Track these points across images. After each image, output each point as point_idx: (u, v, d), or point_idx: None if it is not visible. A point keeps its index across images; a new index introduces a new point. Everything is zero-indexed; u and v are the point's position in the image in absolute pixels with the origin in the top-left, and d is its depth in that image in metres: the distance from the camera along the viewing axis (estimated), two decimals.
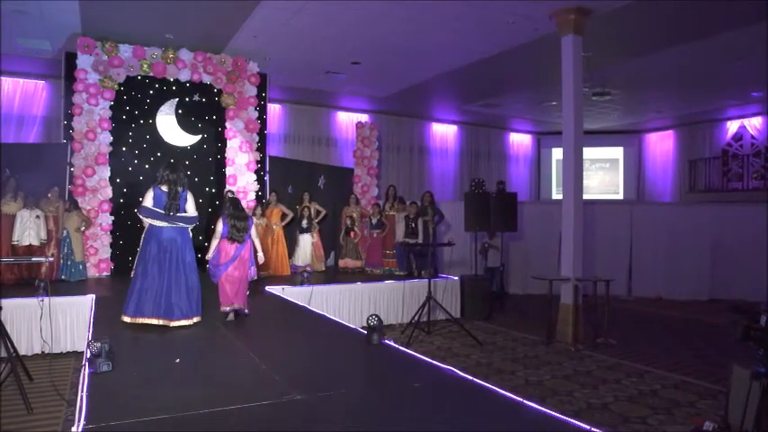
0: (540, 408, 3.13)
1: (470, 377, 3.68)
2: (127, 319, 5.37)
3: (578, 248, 7.99)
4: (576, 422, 2.93)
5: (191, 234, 5.80)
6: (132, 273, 5.83)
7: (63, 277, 8.22)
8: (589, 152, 14.10)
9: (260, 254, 6.18)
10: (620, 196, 16.75)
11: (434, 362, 4.05)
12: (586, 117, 10.69)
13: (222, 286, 5.80)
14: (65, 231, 8.29)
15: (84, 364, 3.68)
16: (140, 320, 5.35)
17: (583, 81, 8.33)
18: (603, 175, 17.14)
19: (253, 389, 3.45)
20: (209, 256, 5.88)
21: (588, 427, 2.84)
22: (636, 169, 16.97)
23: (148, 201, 5.50)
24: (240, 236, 5.80)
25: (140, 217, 5.89)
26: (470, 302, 9.30)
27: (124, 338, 4.67)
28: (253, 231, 6.03)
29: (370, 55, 10.06)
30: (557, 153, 17.10)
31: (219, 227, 5.81)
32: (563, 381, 5.97)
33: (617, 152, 17.12)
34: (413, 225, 9.48)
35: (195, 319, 5.51)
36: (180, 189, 5.58)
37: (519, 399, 3.27)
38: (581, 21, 7.90)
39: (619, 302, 10.55)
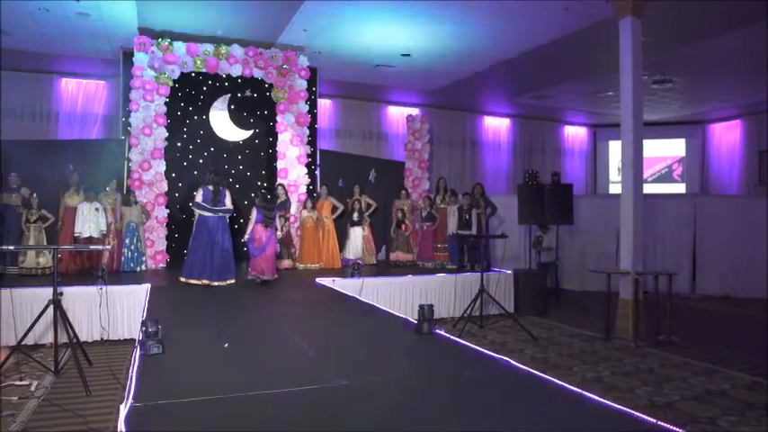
0: (602, 400, 2.93)
1: (526, 367, 3.51)
2: (183, 279, 7.38)
3: (638, 241, 7.63)
4: (643, 416, 2.72)
5: (228, 221, 7.77)
6: (187, 249, 7.82)
7: (132, 266, 8.49)
8: (649, 145, 13.51)
9: (278, 232, 8.02)
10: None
11: (487, 351, 3.89)
12: (646, 107, 10.22)
13: (257, 260, 7.60)
14: (132, 224, 8.54)
15: (136, 347, 3.72)
16: (191, 281, 7.34)
17: (642, 68, 7.95)
18: None
19: (300, 373, 3.40)
20: (246, 237, 7.64)
21: (654, 421, 2.64)
22: (699, 162, 16.18)
23: (199, 197, 7.50)
24: (270, 222, 7.64)
25: (193, 209, 7.65)
26: (524, 297, 9.04)
27: (176, 324, 4.72)
28: (277, 220, 7.88)
29: (419, 47, 9.93)
30: (614, 146, 16.51)
31: (254, 215, 7.61)
32: (623, 378, 5.69)
33: (679, 144, 16.38)
34: (466, 216, 9.27)
35: (230, 281, 7.48)
36: (221, 188, 7.59)
37: (579, 390, 3.09)
38: (640, 2, 7.53)
39: (681, 299, 10.03)
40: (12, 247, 5.96)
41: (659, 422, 2.61)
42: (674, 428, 2.51)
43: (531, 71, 11.30)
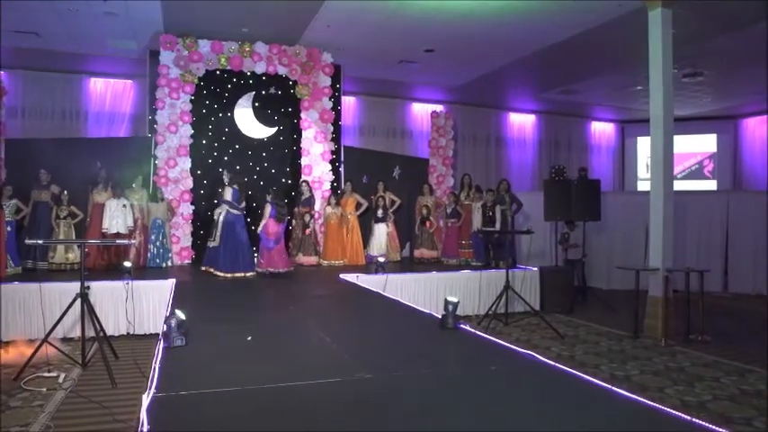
0: (633, 396, 2.83)
1: (553, 363, 3.43)
2: (203, 268, 8.11)
3: (668, 238, 7.45)
4: (678, 413, 2.62)
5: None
6: (208, 242, 8.35)
7: (158, 261, 8.59)
8: (679, 141, 13.21)
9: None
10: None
11: (513, 346, 3.81)
12: (676, 102, 9.97)
13: (270, 255, 8.00)
14: (158, 221, 8.64)
15: (160, 339, 3.73)
16: (210, 270, 7.97)
17: (672, 61, 7.75)
18: None
19: (322, 367, 3.37)
20: (259, 230, 8.11)
21: (689, 419, 2.54)
22: (731, 157, 15.77)
23: (228, 195, 8.15)
24: (282, 218, 8.16)
25: (223, 205, 8.20)
26: (550, 295, 8.90)
27: (200, 317, 4.74)
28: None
29: (443, 42, 9.84)
30: (642, 142, 16.20)
31: (268, 210, 8.07)
32: (653, 377, 5.55)
33: (710, 140, 15.99)
34: (490, 213, 9.16)
35: (249, 274, 7.96)
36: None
37: (608, 386, 2.99)
38: None
39: (713, 298, 9.77)
40: (40, 241, 6.08)
41: (695, 420, 2.51)
42: (712, 427, 2.40)
43: (558, 65, 11.13)
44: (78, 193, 8.60)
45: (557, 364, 3.40)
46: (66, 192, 8.36)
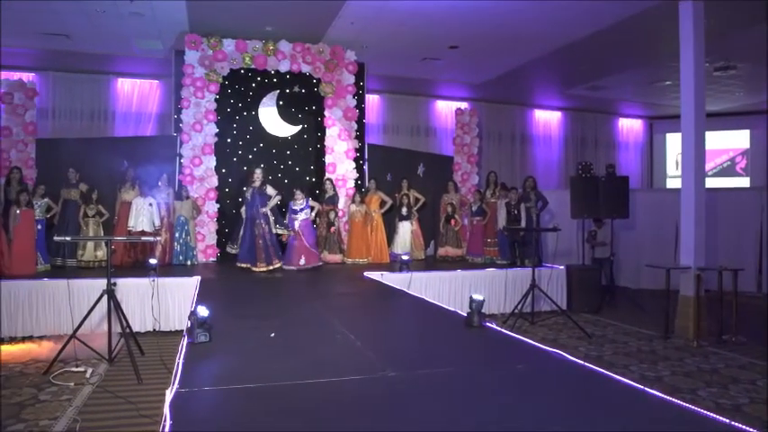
0: (667, 397, 2.73)
1: (582, 362, 3.33)
2: (257, 269, 8.23)
3: (700, 236, 7.27)
4: (715, 416, 2.52)
5: None
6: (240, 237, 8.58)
7: (181, 259, 8.66)
8: (710, 137, 12.87)
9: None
10: None
11: (540, 345, 3.73)
12: (707, 97, 9.69)
13: (295, 249, 8.48)
14: (182, 218, 8.72)
15: (184, 335, 3.73)
16: (242, 265, 8.23)
17: (704, 54, 7.54)
18: None
19: (346, 364, 3.33)
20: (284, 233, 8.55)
21: (728, 422, 2.43)
22: (765, 154, 15.29)
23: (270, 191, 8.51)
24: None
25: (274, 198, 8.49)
26: (578, 294, 8.75)
27: (224, 314, 4.74)
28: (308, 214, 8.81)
29: (468, 38, 9.72)
30: (671, 139, 15.84)
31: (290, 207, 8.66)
32: (684, 378, 5.41)
33: (742, 136, 15.56)
34: (515, 212, 9.03)
35: (274, 266, 8.20)
36: None
37: (641, 387, 2.89)
38: None
39: (747, 298, 9.50)
40: (68, 238, 6.19)
41: (733, 423, 2.41)
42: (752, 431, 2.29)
43: (584, 61, 10.91)
44: (106, 191, 8.72)
45: (586, 363, 3.30)
46: (96, 190, 8.48)
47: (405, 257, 8.37)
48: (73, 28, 9.07)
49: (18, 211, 7.49)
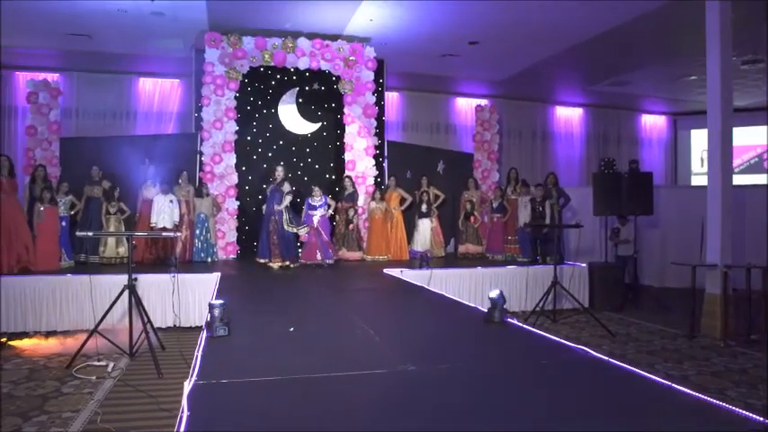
0: (698, 395, 2.64)
1: (606, 358, 3.25)
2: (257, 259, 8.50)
3: (727, 234, 7.09)
4: (747, 413, 2.43)
5: None
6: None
7: (202, 256, 8.72)
8: (736, 133, 12.59)
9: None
10: None
11: (564, 341, 3.65)
12: (734, 91, 9.45)
13: (311, 246, 8.52)
14: (202, 215, 8.77)
15: (203, 329, 3.73)
16: (261, 261, 8.37)
17: (731, 47, 7.35)
18: None
19: (365, 358, 3.30)
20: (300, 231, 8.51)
21: (763, 420, 2.34)
22: None
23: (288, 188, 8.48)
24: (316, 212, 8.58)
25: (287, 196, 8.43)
26: (600, 292, 8.61)
27: (244, 309, 4.74)
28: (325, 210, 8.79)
29: (487, 33, 9.63)
30: (696, 135, 15.53)
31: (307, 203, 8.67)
32: (712, 378, 5.28)
33: None
34: (540, 209, 8.89)
35: (288, 263, 8.25)
36: None
37: (668, 383, 2.81)
38: None
39: None
40: (90, 233, 6.26)
41: None
42: None
43: (606, 56, 10.73)
44: (128, 189, 8.80)
45: (611, 360, 3.23)
46: (118, 188, 8.57)
47: (426, 254, 8.32)
48: (95, 28, 9.17)
49: (42, 208, 7.59)
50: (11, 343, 6.29)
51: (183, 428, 2.12)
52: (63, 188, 8.31)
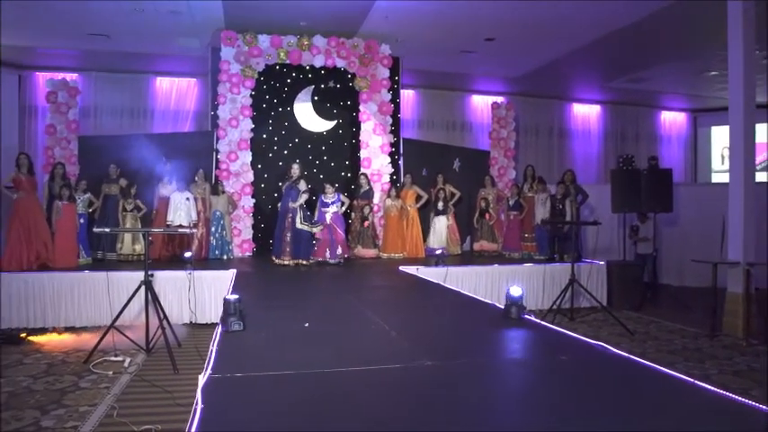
0: (722, 392, 2.57)
1: (626, 354, 3.19)
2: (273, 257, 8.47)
3: (749, 230, 6.96)
4: None
5: None
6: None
7: (217, 254, 8.73)
8: (759, 129, 12.33)
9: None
10: None
11: (582, 337, 3.59)
12: (757, 87, 9.25)
13: (323, 244, 8.46)
14: (218, 212, 8.80)
15: (218, 324, 3.72)
16: (277, 261, 8.30)
17: (754, 41, 7.20)
18: None
19: (381, 353, 3.26)
20: (312, 229, 8.46)
21: None
22: None
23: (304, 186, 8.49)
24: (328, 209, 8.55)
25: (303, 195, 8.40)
26: (618, 290, 8.50)
27: (259, 305, 4.74)
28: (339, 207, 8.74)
29: (504, 29, 9.53)
30: (717, 132, 15.27)
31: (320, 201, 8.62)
32: (734, 377, 5.18)
33: None
34: (560, 206, 8.78)
35: (301, 261, 8.27)
36: None
37: (691, 380, 2.74)
38: None
39: None
40: (107, 229, 6.31)
41: None
42: None
43: (624, 51, 10.57)
44: (145, 186, 8.86)
45: (631, 356, 3.16)
46: (135, 185, 8.63)
47: (442, 252, 8.27)
48: (112, 28, 9.25)
49: (60, 206, 7.67)
50: (30, 338, 6.35)
51: (196, 420, 2.11)
52: (81, 186, 8.40)
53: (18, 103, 11.17)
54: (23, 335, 6.37)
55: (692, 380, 2.74)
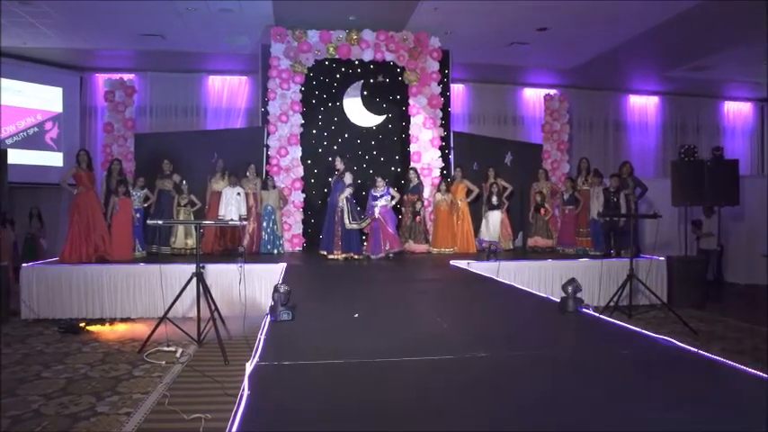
0: None
1: (695, 349, 2.98)
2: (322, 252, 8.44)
3: None
4: None
5: None
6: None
7: (268, 248, 8.81)
8: None
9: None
10: None
11: (646, 331, 3.39)
12: None
13: (373, 238, 8.49)
14: (269, 207, 8.88)
15: (267, 313, 3.70)
16: (327, 255, 8.27)
17: None
18: None
19: (433, 344, 3.16)
20: (362, 225, 8.44)
21: None
22: None
23: (349, 179, 8.44)
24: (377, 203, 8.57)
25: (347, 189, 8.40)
26: (680, 287, 8.09)
27: (309, 295, 4.71)
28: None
29: (557, 18, 9.23)
30: None
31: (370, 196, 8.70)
32: None
33: None
34: (614, 199, 8.44)
35: (351, 255, 8.26)
36: None
37: (766, 375, 2.52)
38: None
39: None
40: (160, 222, 6.41)
41: None
42: None
43: (685, 38, 10.06)
44: (197, 182, 9.02)
45: (701, 351, 2.95)
46: (185, 181, 8.79)
47: (494, 245, 8.09)
48: (166, 28, 9.46)
49: (116, 200, 7.89)
50: (89, 328, 6.54)
51: (242, 406, 2.07)
52: (139, 182, 8.61)
53: (79, 103, 11.62)
54: (83, 324, 6.56)
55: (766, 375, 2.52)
